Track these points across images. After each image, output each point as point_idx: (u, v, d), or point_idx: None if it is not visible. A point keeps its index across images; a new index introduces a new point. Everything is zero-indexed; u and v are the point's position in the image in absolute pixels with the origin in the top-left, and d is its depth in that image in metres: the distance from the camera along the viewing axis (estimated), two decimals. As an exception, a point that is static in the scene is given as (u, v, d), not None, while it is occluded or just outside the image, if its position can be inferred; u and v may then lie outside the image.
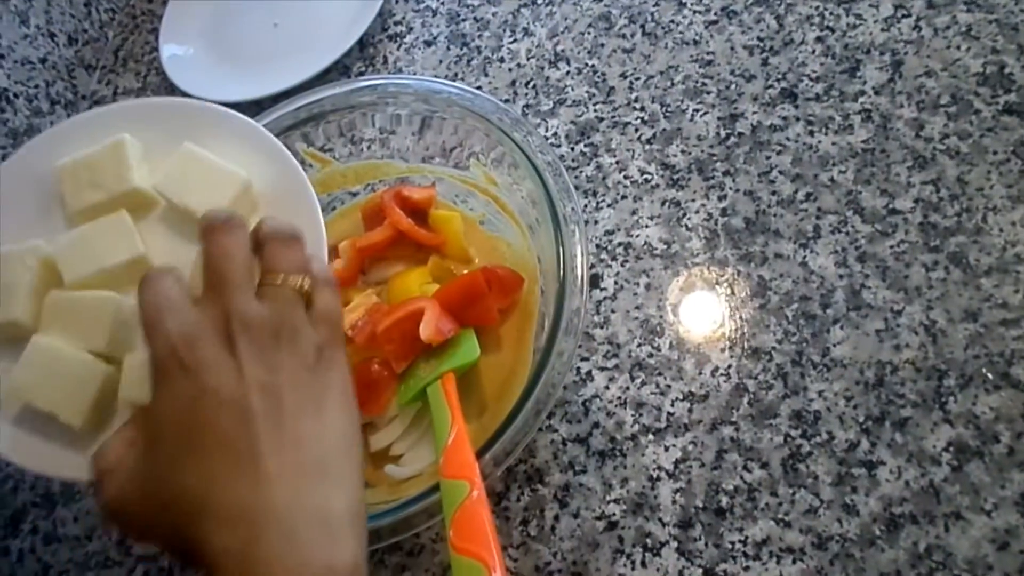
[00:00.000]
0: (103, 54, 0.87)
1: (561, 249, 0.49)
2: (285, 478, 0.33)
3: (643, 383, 0.55)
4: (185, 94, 0.78)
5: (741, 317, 0.56)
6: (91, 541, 0.59)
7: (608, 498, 0.52)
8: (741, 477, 0.51)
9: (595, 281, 0.59)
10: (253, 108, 0.76)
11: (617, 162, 0.64)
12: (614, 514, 0.51)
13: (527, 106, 0.69)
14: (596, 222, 0.62)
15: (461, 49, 0.75)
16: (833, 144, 0.60)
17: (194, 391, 0.33)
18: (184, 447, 0.34)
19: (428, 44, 0.76)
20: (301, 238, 0.39)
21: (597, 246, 0.61)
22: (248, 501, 0.32)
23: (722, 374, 0.54)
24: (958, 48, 0.62)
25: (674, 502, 0.51)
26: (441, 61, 0.75)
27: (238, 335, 0.34)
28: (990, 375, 0.50)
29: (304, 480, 0.33)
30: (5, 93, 0.74)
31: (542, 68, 0.71)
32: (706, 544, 0.49)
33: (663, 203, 0.61)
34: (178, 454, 0.34)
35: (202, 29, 0.83)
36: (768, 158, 0.61)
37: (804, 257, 0.57)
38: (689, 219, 0.60)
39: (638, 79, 0.68)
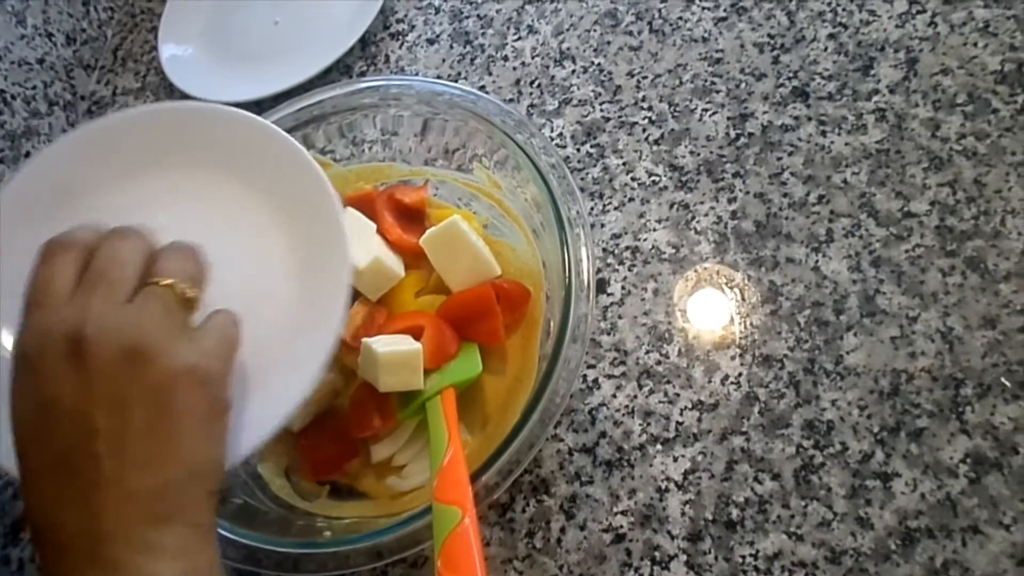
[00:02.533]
0: (102, 54, 0.86)
1: (567, 253, 0.48)
2: (118, 509, 0.31)
3: (651, 391, 0.54)
4: (184, 94, 0.77)
5: (751, 323, 0.54)
6: (90, 551, 0.58)
7: (615, 510, 0.51)
8: (752, 489, 0.49)
9: (601, 286, 0.58)
10: (253, 108, 0.74)
11: (624, 163, 0.63)
12: (621, 526, 0.50)
13: (532, 106, 0.68)
14: (602, 225, 0.60)
15: (464, 47, 0.73)
16: (846, 145, 0.59)
17: (38, 398, 0.32)
18: (26, 453, 0.32)
19: (431, 42, 0.75)
20: (200, 252, 0.37)
21: (604, 250, 0.59)
22: (75, 528, 0.31)
23: (732, 382, 0.53)
24: (975, 45, 0.60)
25: (683, 514, 0.50)
26: (444, 60, 0.73)
27: (90, 343, 0.31)
28: (1009, 384, 0.49)
29: (137, 510, 0.31)
30: (2, 95, 0.72)
31: (547, 67, 0.70)
32: (716, 558, 0.48)
33: (671, 206, 0.60)
34: (22, 458, 0.32)
35: (202, 28, 0.82)
36: (779, 159, 0.60)
37: (816, 262, 0.55)
38: (698, 222, 0.59)
39: (645, 78, 0.66)
